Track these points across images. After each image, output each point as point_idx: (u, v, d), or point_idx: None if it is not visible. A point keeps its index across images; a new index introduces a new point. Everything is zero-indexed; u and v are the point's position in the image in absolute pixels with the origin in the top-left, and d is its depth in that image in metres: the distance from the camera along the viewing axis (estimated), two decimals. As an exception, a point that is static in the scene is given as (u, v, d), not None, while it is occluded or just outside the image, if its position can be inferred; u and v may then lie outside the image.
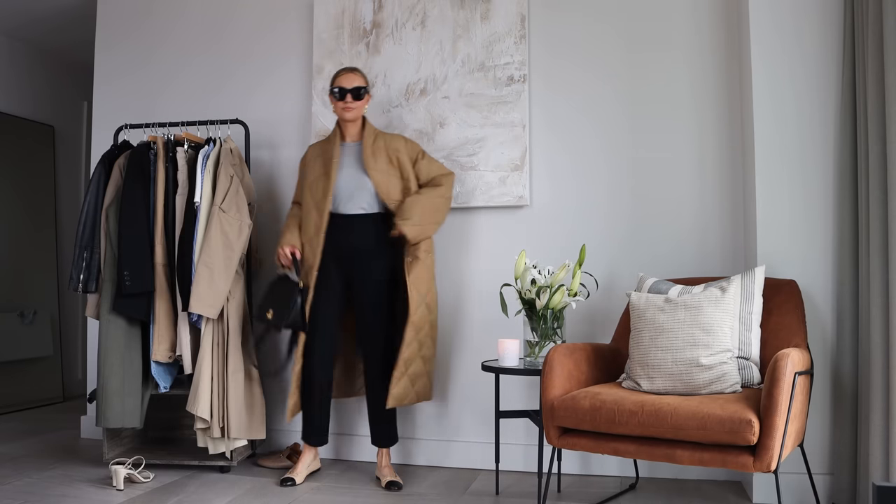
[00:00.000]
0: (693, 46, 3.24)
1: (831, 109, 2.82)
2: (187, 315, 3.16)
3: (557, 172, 3.37)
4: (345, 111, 3.08)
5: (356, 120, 3.14)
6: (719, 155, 3.20)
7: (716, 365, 2.40)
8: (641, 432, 2.28)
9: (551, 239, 3.35)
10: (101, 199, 3.31)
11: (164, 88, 3.92)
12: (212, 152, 3.26)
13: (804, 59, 2.86)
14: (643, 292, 2.76)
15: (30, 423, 4.33)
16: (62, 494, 2.90)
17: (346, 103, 3.07)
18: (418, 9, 3.52)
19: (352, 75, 3.10)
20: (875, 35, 2.48)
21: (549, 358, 2.57)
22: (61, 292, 5.24)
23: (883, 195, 2.45)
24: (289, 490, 3.00)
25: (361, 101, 3.10)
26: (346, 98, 3.07)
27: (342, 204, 3.08)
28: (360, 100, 3.09)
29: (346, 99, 3.07)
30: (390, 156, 3.10)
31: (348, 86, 3.07)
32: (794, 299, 2.66)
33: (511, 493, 2.97)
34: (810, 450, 2.75)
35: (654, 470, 3.16)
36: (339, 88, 3.07)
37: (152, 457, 3.29)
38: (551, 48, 3.40)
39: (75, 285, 3.29)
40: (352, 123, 3.14)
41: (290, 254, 3.09)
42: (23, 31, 4.88)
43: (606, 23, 3.34)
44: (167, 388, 3.27)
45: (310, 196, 3.13)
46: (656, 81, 3.27)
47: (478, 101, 3.41)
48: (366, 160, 3.06)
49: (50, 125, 5.27)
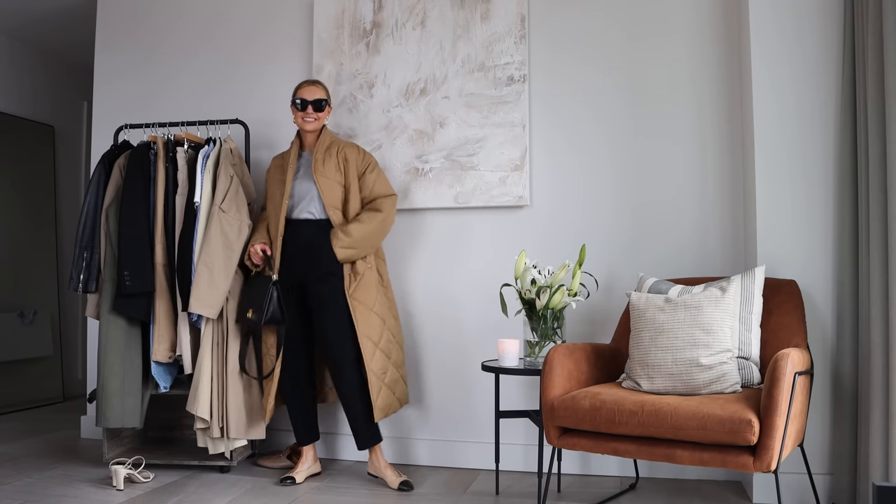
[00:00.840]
0: (694, 49, 3.24)
1: (831, 109, 2.83)
2: (187, 315, 3.16)
3: (557, 172, 3.37)
4: (304, 122, 3.15)
5: (315, 131, 3.20)
6: (720, 155, 3.20)
7: (716, 365, 2.40)
8: (641, 432, 2.28)
9: (551, 239, 3.35)
10: (101, 199, 3.31)
11: (164, 88, 3.92)
12: (212, 152, 3.26)
13: (804, 60, 2.86)
14: (643, 292, 2.76)
15: (30, 423, 4.33)
16: (62, 494, 2.90)
17: (307, 114, 3.14)
18: (418, 9, 3.52)
19: (313, 87, 3.17)
20: (875, 35, 2.48)
21: (549, 358, 2.57)
22: (61, 292, 5.24)
23: (883, 195, 2.45)
24: (289, 490, 3.00)
25: (322, 112, 3.17)
26: (307, 109, 3.14)
27: (295, 210, 3.14)
28: (320, 111, 3.16)
29: (307, 110, 3.14)
30: (339, 162, 3.15)
31: (309, 98, 3.14)
32: (794, 299, 2.66)
33: (511, 493, 2.97)
34: (810, 450, 2.75)
35: (654, 470, 3.16)
36: (300, 100, 3.13)
37: (152, 457, 3.29)
38: (551, 48, 3.40)
39: (75, 285, 3.29)
40: (311, 133, 3.21)
41: (260, 251, 3.12)
42: (23, 31, 4.88)
43: (607, 23, 3.34)
44: (167, 388, 3.27)
45: (270, 204, 3.22)
46: (657, 82, 3.27)
47: (478, 101, 3.41)
48: (315, 166, 3.13)
49: (50, 125, 5.27)
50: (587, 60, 3.36)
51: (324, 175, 3.12)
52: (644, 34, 3.30)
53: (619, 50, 3.32)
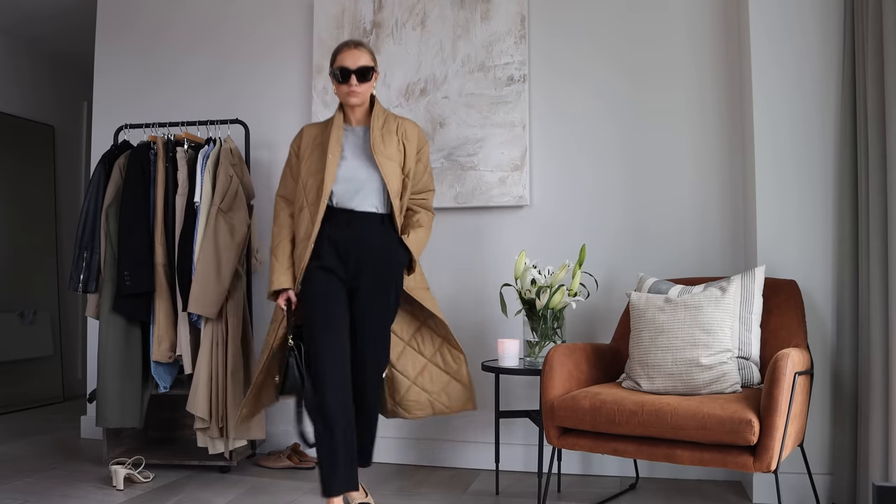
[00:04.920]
0: (694, 50, 3.24)
1: (831, 109, 2.82)
2: (187, 315, 3.16)
3: (557, 172, 3.37)
4: (349, 96, 2.58)
5: (363, 104, 2.66)
6: (720, 155, 3.20)
7: (716, 365, 2.40)
8: (641, 432, 2.28)
9: (551, 239, 3.35)
10: (101, 199, 3.31)
11: (164, 88, 3.92)
12: (212, 152, 3.26)
13: (804, 60, 2.86)
14: (643, 292, 2.76)
15: (30, 423, 4.33)
16: (62, 494, 2.90)
17: (351, 87, 2.57)
18: (418, 9, 3.52)
19: (356, 52, 2.58)
20: (875, 35, 2.48)
21: (549, 358, 2.57)
22: (61, 292, 5.24)
23: (883, 195, 2.45)
24: (289, 490, 3.00)
25: (368, 82, 2.60)
26: (349, 80, 2.56)
27: (347, 199, 2.58)
28: (366, 81, 2.59)
29: (350, 82, 2.56)
30: (399, 141, 2.64)
31: (352, 65, 2.56)
32: (794, 299, 2.66)
33: (511, 493, 2.97)
34: (810, 450, 2.75)
35: (654, 470, 3.16)
36: (340, 69, 2.56)
37: (152, 457, 3.29)
38: (551, 48, 3.40)
39: (75, 285, 3.29)
40: (358, 107, 2.66)
41: (283, 304, 2.60)
42: (23, 31, 4.88)
43: (607, 23, 3.34)
44: (167, 388, 3.27)
45: (303, 195, 2.63)
46: (657, 83, 3.27)
47: (478, 101, 3.41)
48: (374, 145, 2.57)
49: (50, 125, 5.27)
50: (587, 60, 3.36)
51: (386, 156, 2.58)
52: (644, 35, 3.29)
53: (619, 50, 3.32)
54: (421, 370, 2.82)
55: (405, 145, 2.65)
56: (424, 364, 2.83)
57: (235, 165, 3.28)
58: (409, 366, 2.82)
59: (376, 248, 2.60)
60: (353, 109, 2.66)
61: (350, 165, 2.59)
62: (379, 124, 2.63)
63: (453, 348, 2.83)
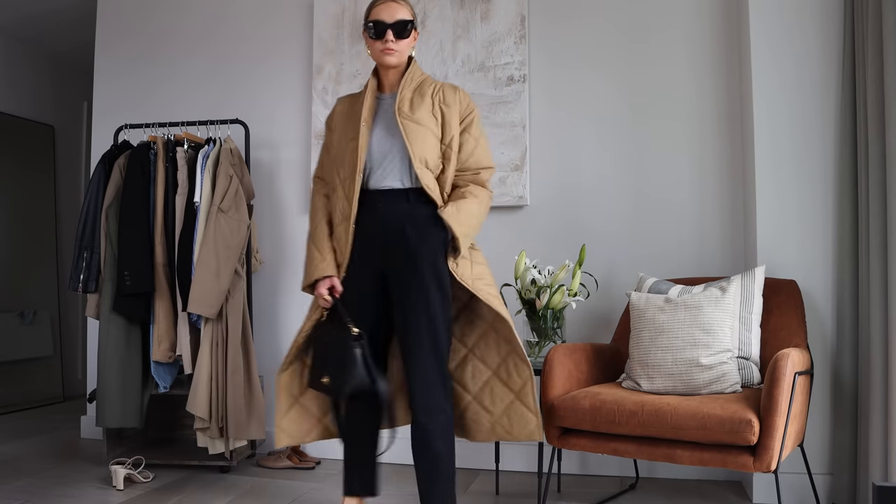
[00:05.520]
0: (694, 49, 3.24)
1: (831, 109, 2.82)
2: (187, 315, 3.16)
3: (557, 172, 3.37)
4: (384, 54, 2.27)
5: (400, 65, 2.34)
6: (720, 155, 3.20)
7: (716, 365, 2.40)
8: (641, 432, 2.28)
9: (551, 239, 3.34)
10: (101, 199, 3.31)
11: (164, 88, 3.92)
12: (211, 152, 3.26)
13: (804, 60, 2.86)
14: (643, 292, 2.76)
15: (30, 423, 4.33)
16: (62, 494, 2.90)
17: (387, 43, 2.26)
18: (418, 9, 3.52)
19: (394, 4, 2.28)
20: (875, 35, 2.48)
21: (549, 358, 2.57)
22: (61, 292, 5.24)
23: (883, 195, 2.45)
24: (289, 490, 3.00)
25: (406, 39, 2.29)
26: (385, 36, 2.26)
27: (373, 176, 2.28)
28: (404, 38, 2.28)
29: (386, 37, 2.26)
30: (435, 106, 2.30)
31: (388, 19, 2.26)
32: (794, 299, 2.66)
33: (511, 493, 2.97)
34: (810, 450, 2.75)
35: (654, 470, 3.16)
36: (375, 23, 2.27)
37: (152, 457, 3.29)
38: (551, 48, 3.40)
39: (75, 285, 3.29)
40: (394, 70, 2.34)
41: (327, 293, 2.29)
42: (23, 31, 4.88)
43: (607, 24, 3.34)
44: (167, 388, 3.27)
45: (335, 173, 2.35)
46: (657, 83, 3.27)
47: (478, 100, 3.41)
48: (399, 105, 2.26)
49: (50, 125, 5.27)
50: (587, 61, 3.36)
51: (413, 120, 2.25)
52: (644, 35, 3.30)
53: (619, 50, 3.32)
54: (483, 385, 2.41)
55: (443, 110, 2.30)
56: (488, 377, 2.40)
57: (235, 165, 3.28)
58: (470, 378, 2.42)
59: (401, 227, 2.24)
60: (387, 73, 2.35)
61: (378, 136, 2.29)
62: (411, 86, 2.32)
63: (520, 360, 2.36)
